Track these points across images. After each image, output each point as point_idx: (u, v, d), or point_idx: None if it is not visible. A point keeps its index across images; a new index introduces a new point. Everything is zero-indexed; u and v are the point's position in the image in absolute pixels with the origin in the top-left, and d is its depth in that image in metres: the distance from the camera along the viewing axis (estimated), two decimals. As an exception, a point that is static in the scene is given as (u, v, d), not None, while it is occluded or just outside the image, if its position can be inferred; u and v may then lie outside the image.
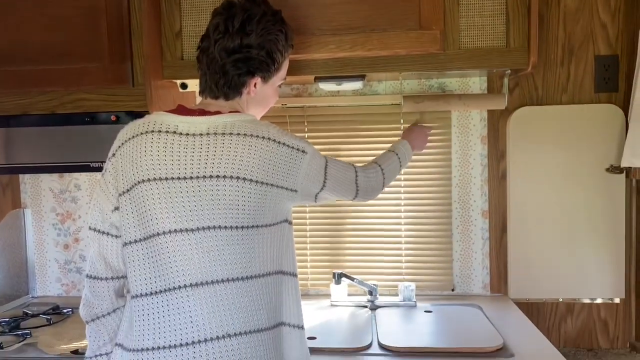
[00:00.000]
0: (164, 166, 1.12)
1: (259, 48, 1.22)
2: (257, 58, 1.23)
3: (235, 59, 1.22)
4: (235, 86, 1.24)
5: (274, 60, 1.26)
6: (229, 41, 1.21)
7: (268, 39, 1.24)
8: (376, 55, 1.58)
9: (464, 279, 1.94)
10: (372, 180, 1.40)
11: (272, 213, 1.15)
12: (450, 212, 1.93)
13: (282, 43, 1.27)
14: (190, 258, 1.09)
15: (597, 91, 1.84)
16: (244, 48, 1.22)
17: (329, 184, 1.25)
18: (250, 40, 1.22)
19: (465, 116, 1.90)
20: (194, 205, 1.10)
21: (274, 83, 1.32)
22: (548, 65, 1.85)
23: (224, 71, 1.23)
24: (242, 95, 1.26)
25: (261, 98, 1.31)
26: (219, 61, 1.22)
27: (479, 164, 1.91)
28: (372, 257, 2.00)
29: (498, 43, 1.57)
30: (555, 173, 1.85)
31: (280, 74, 1.32)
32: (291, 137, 1.18)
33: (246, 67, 1.23)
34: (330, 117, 1.96)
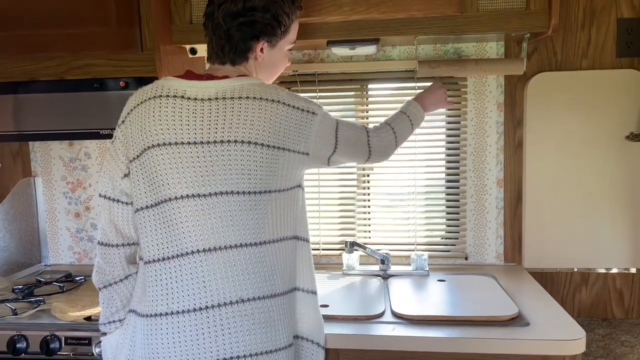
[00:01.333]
0: (173, 131, 1.10)
1: (263, 11, 1.19)
2: (261, 21, 1.19)
3: (239, 23, 1.18)
4: (240, 51, 1.21)
5: (280, 23, 1.22)
6: (232, 4, 1.18)
7: (273, 1, 1.20)
8: (391, 17, 1.53)
9: (478, 248, 1.92)
10: (384, 140, 1.37)
11: (285, 178, 1.14)
12: (465, 180, 1.90)
13: (288, 5, 1.23)
14: (203, 224, 1.08)
15: (619, 56, 1.78)
16: (247, 11, 1.18)
17: (341, 146, 1.23)
18: (253, 3, 1.18)
19: (482, 82, 1.85)
20: (205, 171, 1.09)
21: (282, 47, 1.28)
22: (568, 28, 1.79)
23: (228, 36, 1.20)
24: (248, 60, 1.23)
25: (269, 63, 1.27)
26: (224, 26, 1.19)
27: (494, 132, 1.86)
28: (384, 225, 1.98)
29: (518, 5, 1.51)
30: (573, 141, 1.80)
31: (288, 37, 1.28)
32: (301, 100, 1.16)
33: (251, 31, 1.19)
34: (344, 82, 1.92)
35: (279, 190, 1.13)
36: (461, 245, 1.93)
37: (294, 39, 1.31)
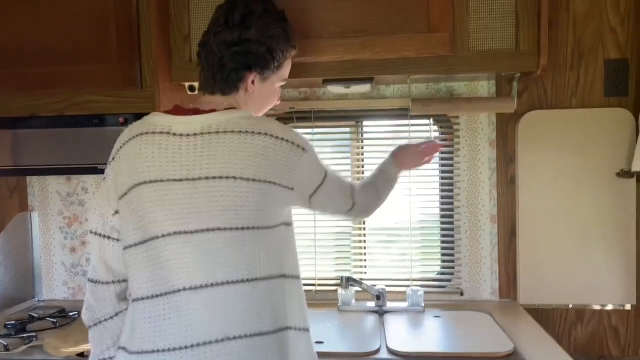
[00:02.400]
0: (159, 168, 1.11)
1: (258, 43, 1.20)
2: (255, 52, 1.20)
3: (233, 52, 1.19)
4: (232, 80, 1.21)
5: (274, 57, 1.23)
6: (228, 34, 1.19)
7: (268, 35, 1.21)
8: (385, 57, 1.57)
9: (473, 284, 1.92)
10: (368, 196, 1.38)
11: (271, 213, 1.12)
12: (459, 216, 1.91)
13: (282, 41, 1.24)
14: (190, 261, 1.07)
15: (607, 95, 1.83)
16: (242, 41, 1.19)
17: (325, 187, 1.21)
18: (249, 34, 1.19)
19: (474, 120, 1.89)
20: (191, 207, 1.08)
21: (273, 82, 1.28)
22: (557, 68, 1.84)
23: (221, 64, 1.20)
24: (239, 91, 1.22)
25: (259, 96, 1.27)
26: (217, 54, 1.20)
27: (487, 168, 1.89)
28: (380, 261, 1.98)
29: (507, 46, 1.56)
30: (564, 177, 1.83)
31: (280, 73, 1.29)
32: (292, 133, 1.14)
33: (244, 60, 1.20)
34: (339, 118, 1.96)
35: (265, 226, 1.11)
36: (456, 281, 1.93)
37: (285, 77, 1.32)
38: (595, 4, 1.81)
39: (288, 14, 1.55)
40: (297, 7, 1.56)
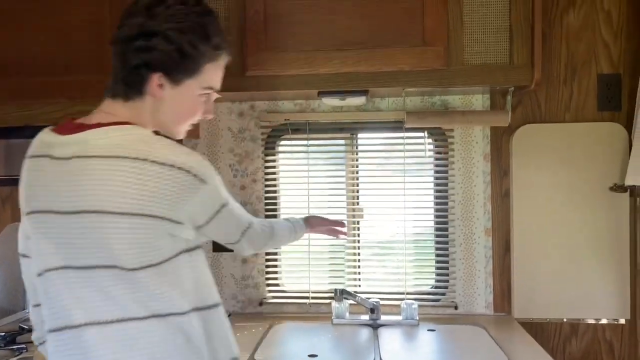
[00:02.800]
0: (40, 197, 1.00)
1: (164, 38, 1.00)
2: (161, 49, 1.00)
3: (135, 48, 1.00)
4: (133, 82, 1.02)
5: (186, 56, 1.02)
6: (129, 28, 1.01)
7: (177, 28, 1.01)
8: (380, 70, 1.58)
9: (467, 297, 1.91)
10: (260, 239, 1.27)
11: (161, 247, 0.98)
12: (454, 229, 1.91)
13: (199, 38, 1.03)
14: (79, 297, 0.97)
15: (600, 109, 1.84)
16: (145, 36, 1.00)
17: (218, 220, 1.06)
18: (153, 27, 1.00)
19: (468, 133, 1.89)
20: (74, 242, 0.97)
21: (191, 89, 1.06)
22: (551, 83, 1.85)
23: (123, 61, 1.03)
24: (144, 95, 1.03)
25: (173, 106, 1.06)
26: (120, 48, 1.03)
27: (481, 181, 1.89)
28: (374, 274, 1.97)
29: (502, 60, 1.57)
30: (558, 191, 1.83)
31: (200, 78, 1.06)
32: (190, 160, 0.97)
33: (146, 57, 1.00)
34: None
35: (152, 264, 0.97)
36: (451, 295, 1.92)
37: (211, 84, 1.10)
38: (588, 20, 1.83)
39: (284, 26, 1.57)
40: (292, 19, 1.57)
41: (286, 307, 1.98)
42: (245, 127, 1.96)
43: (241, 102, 1.95)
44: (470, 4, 1.56)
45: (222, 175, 1.97)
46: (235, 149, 1.97)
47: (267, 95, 1.83)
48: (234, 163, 1.97)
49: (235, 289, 1.98)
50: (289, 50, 1.58)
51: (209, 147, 1.97)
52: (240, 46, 1.60)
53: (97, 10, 1.60)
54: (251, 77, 1.61)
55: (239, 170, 1.97)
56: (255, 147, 1.96)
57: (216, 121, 1.96)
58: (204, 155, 1.85)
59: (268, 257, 1.99)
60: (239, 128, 1.96)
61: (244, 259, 1.97)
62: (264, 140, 1.97)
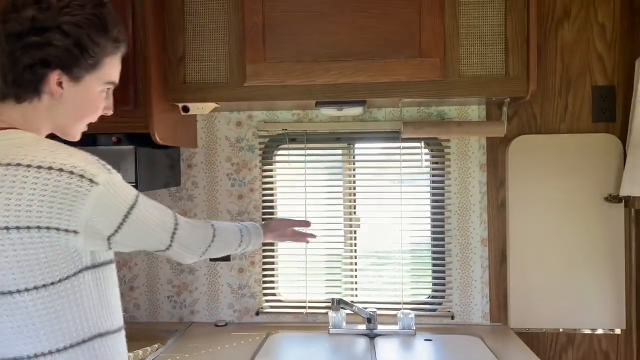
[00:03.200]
0: None
1: (60, 32, 0.92)
2: (58, 45, 0.93)
3: (26, 44, 0.92)
4: (28, 82, 0.94)
5: (85, 50, 0.95)
6: (17, 22, 0.92)
7: (73, 22, 0.93)
8: (377, 81, 1.59)
9: (464, 307, 1.91)
10: (195, 234, 1.14)
11: (53, 266, 0.87)
12: (450, 239, 1.92)
13: (96, 31, 0.96)
14: None
15: (595, 121, 1.86)
16: (38, 30, 0.92)
17: (130, 227, 0.95)
18: (46, 22, 0.92)
19: (465, 143, 1.90)
20: None
21: (91, 85, 0.99)
22: (546, 94, 1.87)
23: (12, 61, 0.93)
24: (41, 95, 0.95)
25: (73, 104, 0.98)
26: (6, 48, 0.93)
27: (478, 192, 1.91)
28: (371, 284, 1.98)
29: (497, 71, 1.59)
30: (554, 201, 1.85)
31: (99, 73, 0.99)
32: (72, 160, 0.88)
33: (42, 54, 0.92)
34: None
35: (45, 284, 0.86)
36: (447, 304, 1.92)
37: (111, 79, 1.03)
38: (582, 33, 1.85)
39: (282, 37, 1.59)
40: (291, 30, 1.59)
41: (283, 317, 1.97)
42: (243, 137, 1.97)
43: (239, 112, 1.96)
44: (466, 17, 1.58)
45: (219, 184, 1.97)
46: (233, 158, 1.97)
47: (265, 105, 1.84)
48: (231, 172, 1.98)
49: (231, 298, 1.98)
50: (287, 61, 1.60)
51: (206, 156, 1.98)
52: (239, 57, 1.61)
53: None
54: (250, 87, 1.62)
55: (237, 179, 1.98)
56: (253, 156, 1.97)
57: (214, 130, 1.97)
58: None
59: (265, 267, 1.99)
60: (236, 137, 1.97)
61: (240, 268, 1.97)
62: (261, 149, 1.97)
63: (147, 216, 0.98)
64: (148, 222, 0.99)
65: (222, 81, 1.63)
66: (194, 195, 1.98)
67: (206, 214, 1.98)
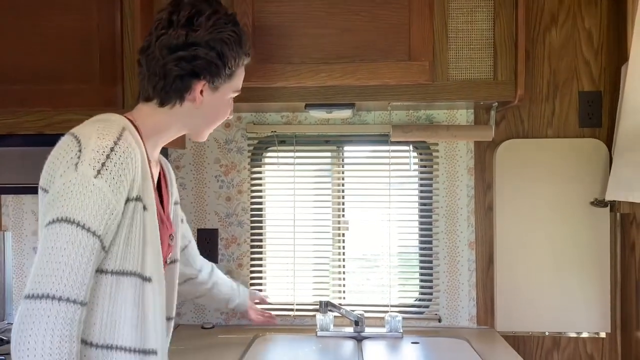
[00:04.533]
0: None
1: (207, 47, 1.07)
2: (204, 58, 1.07)
3: (178, 57, 1.06)
4: (176, 90, 1.08)
5: (225, 63, 1.10)
6: (172, 37, 1.06)
7: (218, 38, 1.08)
8: (366, 84, 1.60)
9: (451, 310, 1.92)
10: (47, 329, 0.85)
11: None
12: (438, 242, 1.93)
13: (235, 47, 1.11)
14: None
15: (582, 126, 1.88)
16: (189, 45, 1.06)
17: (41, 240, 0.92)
18: (197, 38, 1.06)
19: (453, 147, 1.91)
20: None
21: (225, 93, 1.15)
22: (534, 99, 1.89)
23: (164, 72, 1.07)
24: (184, 101, 1.10)
25: (210, 109, 1.14)
26: (160, 60, 1.06)
27: (465, 195, 1.92)
28: (359, 286, 1.98)
29: (486, 76, 1.60)
30: (541, 205, 1.86)
31: (232, 83, 1.15)
32: (82, 129, 1.04)
33: (191, 66, 1.07)
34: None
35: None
36: (434, 307, 1.93)
37: (238, 87, 1.19)
38: (569, 38, 1.87)
39: (272, 38, 1.59)
40: (280, 32, 1.58)
41: (270, 319, 1.97)
42: (231, 139, 1.96)
43: (228, 114, 1.95)
44: (455, 20, 1.59)
45: (208, 186, 1.97)
46: (222, 159, 1.97)
47: (254, 106, 1.84)
48: (220, 174, 1.97)
49: (219, 300, 1.97)
50: (277, 63, 1.59)
51: (195, 157, 1.97)
52: (228, 58, 1.60)
53: (83, 18, 1.59)
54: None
55: (225, 181, 1.97)
56: (242, 158, 1.97)
57: (202, 132, 1.96)
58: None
59: (253, 269, 1.98)
60: (225, 139, 1.96)
61: (228, 269, 1.96)
62: (250, 151, 1.97)
63: (51, 246, 0.89)
64: (46, 252, 0.89)
65: (211, 82, 1.62)
66: (181, 196, 1.96)
67: (194, 215, 1.97)
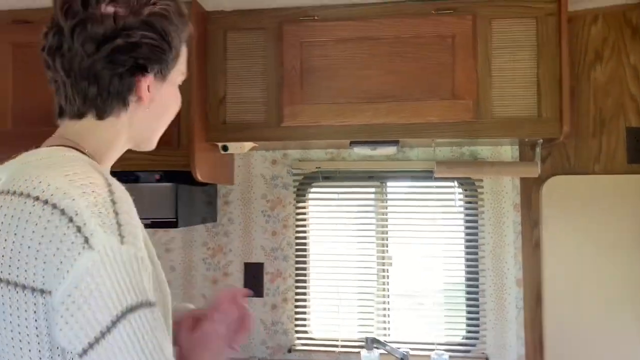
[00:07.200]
0: None
1: (145, 29, 0.78)
2: (147, 43, 0.78)
3: (111, 50, 0.76)
4: (115, 95, 0.79)
5: (171, 44, 0.81)
6: (95, 25, 0.76)
7: (156, 12, 0.79)
8: (410, 122, 1.63)
9: (499, 349, 1.88)
10: None
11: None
12: (485, 279, 1.91)
13: (176, 18, 0.82)
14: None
15: (630, 162, 1.85)
16: (122, 31, 0.76)
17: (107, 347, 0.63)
18: (129, 20, 0.77)
19: (498, 183, 1.91)
20: None
21: (173, 80, 0.86)
22: (580, 135, 1.87)
23: (94, 74, 0.77)
24: (128, 106, 0.81)
25: (160, 105, 0.85)
26: (85, 59, 0.76)
27: (512, 232, 1.90)
28: (404, 323, 1.97)
29: (530, 113, 1.61)
30: (590, 243, 1.82)
31: (179, 66, 0.86)
32: (86, 205, 0.66)
33: (131, 60, 0.78)
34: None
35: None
36: (481, 346, 1.89)
37: (185, 68, 0.89)
38: (615, 74, 1.86)
39: (318, 80, 1.65)
40: (327, 74, 1.65)
41: (315, 355, 1.97)
42: (277, 175, 2.02)
43: (274, 151, 2.02)
44: (499, 59, 1.62)
45: (254, 220, 2.02)
46: (268, 195, 2.02)
47: (299, 144, 1.90)
48: (266, 209, 2.02)
49: (264, 334, 2.00)
50: (323, 103, 1.65)
51: (242, 193, 2.03)
52: (277, 99, 1.67)
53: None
54: (286, 128, 1.67)
55: (271, 216, 2.02)
56: (287, 193, 2.02)
57: (250, 168, 2.03)
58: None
59: (297, 304, 2.01)
60: (271, 175, 2.02)
61: (273, 304, 1.99)
62: (295, 187, 2.02)
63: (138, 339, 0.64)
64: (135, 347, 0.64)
65: (260, 122, 1.69)
66: (229, 231, 2.02)
67: (241, 250, 2.02)
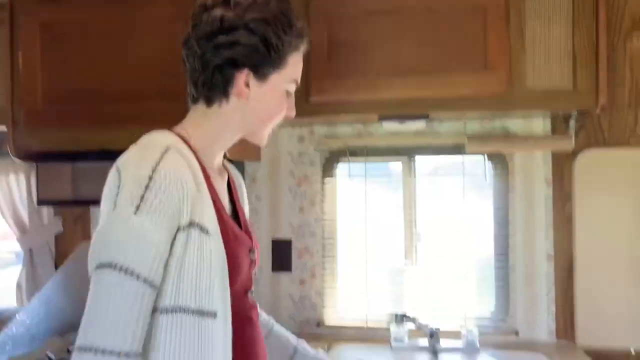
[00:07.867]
0: None
1: (247, 30, 0.91)
2: (245, 43, 0.91)
3: (216, 45, 0.92)
4: (217, 84, 0.93)
5: (270, 47, 0.93)
6: (207, 24, 0.92)
7: (261, 21, 0.92)
8: (441, 96, 1.60)
9: (529, 324, 1.87)
10: None
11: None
12: (515, 255, 1.88)
13: (283, 28, 0.94)
14: None
15: (667, 134, 1.80)
16: (226, 31, 0.91)
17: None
18: (234, 21, 0.91)
19: (529, 157, 1.87)
20: None
21: (277, 84, 0.97)
22: (614, 107, 1.81)
23: (203, 63, 0.93)
24: (230, 97, 0.95)
25: (259, 104, 0.96)
26: (198, 51, 0.93)
27: (543, 207, 1.87)
28: (434, 298, 1.96)
29: (565, 85, 1.56)
30: (623, 216, 1.79)
31: (285, 72, 0.97)
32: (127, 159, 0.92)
33: (230, 54, 0.92)
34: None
35: None
36: (511, 321, 1.88)
37: (294, 77, 1.00)
38: (653, 43, 1.80)
39: (347, 54, 1.62)
40: (355, 47, 1.61)
41: (344, 330, 1.98)
42: (304, 151, 2.01)
43: (301, 127, 2.00)
44: (532, 29, 1.57)
45: (281, 197, 2.02)
46: (295, 172, 2.02)
47: (326, 120, 1.88)
48: (293, 186, 2.02)
49: (292, 309, 2.01)
50: (351, 77, 1.63)
51: (270, 170, 2.03)
52: (304, 73, 1.64)
53: (170, 40, 1.68)
54: (314, 103, 1.66)
55: (298, 193, 2.01)
56: (314, 170, 2.01)
57: (277, 145, 2.02)
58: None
59: (325, 280, 2.01)
60: (298, 152, 2.01)
61: (302, 280, 2.00)
62: (322, 164, 2.01)
63: (98, 295, 0.81)
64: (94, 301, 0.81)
65: (288, 97, 1.67)
66: (257, 208, 2.03)
67: (269, 226, 2.02)
